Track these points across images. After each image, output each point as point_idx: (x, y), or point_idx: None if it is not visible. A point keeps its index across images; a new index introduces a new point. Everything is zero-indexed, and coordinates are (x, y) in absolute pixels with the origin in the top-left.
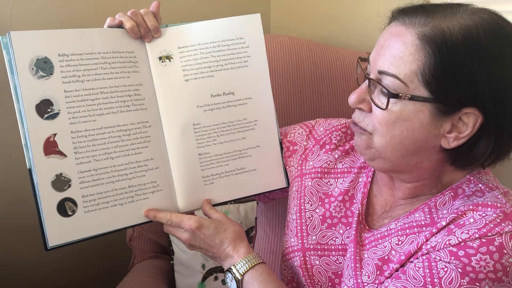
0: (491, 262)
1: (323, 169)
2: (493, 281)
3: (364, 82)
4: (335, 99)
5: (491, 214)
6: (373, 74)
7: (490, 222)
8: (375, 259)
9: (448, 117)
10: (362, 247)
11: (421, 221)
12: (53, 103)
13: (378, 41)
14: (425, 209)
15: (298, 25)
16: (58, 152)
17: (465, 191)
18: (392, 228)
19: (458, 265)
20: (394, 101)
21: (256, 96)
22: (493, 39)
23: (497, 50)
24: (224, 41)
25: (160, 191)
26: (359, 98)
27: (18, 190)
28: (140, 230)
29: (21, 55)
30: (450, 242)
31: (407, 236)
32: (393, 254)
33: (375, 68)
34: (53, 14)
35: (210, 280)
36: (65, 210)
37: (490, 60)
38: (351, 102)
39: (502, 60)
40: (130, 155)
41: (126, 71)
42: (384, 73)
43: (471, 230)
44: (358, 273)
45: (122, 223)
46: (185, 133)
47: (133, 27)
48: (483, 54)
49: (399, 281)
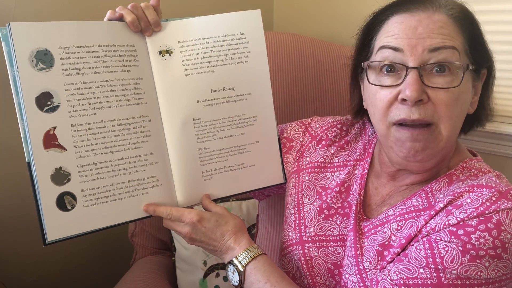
0: (490, 239)
1: (319, 164)
2: (493, 257)
3: (409, 75)
4: (338, 96)
5: (486, 193)
6: (419, 60)
7: (487, 201)
8: (375, 245)
9: (475, 82)
10: (362, 235)
11: (418, 205)
12: (53, 95)
13: (403, 29)
14: (422, 194)
15: (301, 22)
16: (57, 145)
17: (459, 177)
18: (390, 214)
19: (459, 244)
20: (459, 76)
21: (256, 92)
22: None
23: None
24: (224, 37)
25: (159, 186)
26: (419, 89)
27: (18, 184)
28: (142, 226)
29: (21, 47)
30: (449, 222)
31: (406, 221)
32: (393, 239)
33: (420, 51)
34: (56, 5)
35: (212, 277)
36: (65, 204)
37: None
38: (414, 96)
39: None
40: (130, 149)
41: (126, 65)
42: (441, 48)
43: (469, 209)
44: (359, 260)
45: (122, 217)
46: (185, 128)
47: (133, 21)
48: (478, 24)
49: (401, 264)
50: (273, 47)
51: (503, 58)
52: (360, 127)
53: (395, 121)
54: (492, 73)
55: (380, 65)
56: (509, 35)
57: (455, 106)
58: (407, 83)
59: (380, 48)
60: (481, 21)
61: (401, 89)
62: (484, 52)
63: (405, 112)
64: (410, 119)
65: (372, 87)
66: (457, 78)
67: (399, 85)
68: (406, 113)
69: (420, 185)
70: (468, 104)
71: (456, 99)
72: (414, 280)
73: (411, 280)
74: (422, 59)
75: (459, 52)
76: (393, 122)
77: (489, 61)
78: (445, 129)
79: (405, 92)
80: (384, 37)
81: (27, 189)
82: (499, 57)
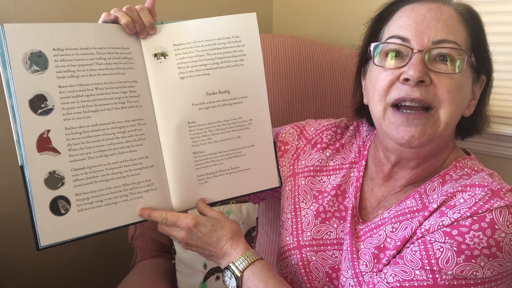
0: (484, 238)
1: (315, 168)
2: (488, 257)
3: (413, 57)
4: (337, 98)
5: (479, 193)
6: (423, 47)
7: (480, 200)
8: (371, 248)
9: (474, 85)
10: (358, 239)
11: (412, 207)
12: (47, 98)
13: (413, 18)
14: (416, 195)
15: (301, 24)
16: (51, 149)
17: (453, 176)
18: (385, 217)
19: (453, 244)
20: (460, 65)
21: (252, 95)
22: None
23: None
24: (220, 40)
25: (154, 189)
26: (422, 70)
27: (16, 188)
28: (142, 229)
29: (15, 48)
30: (443, 223)
31: (401, 222)
32: (388, 241)
33: (426, 41)
34: (56, 5)
35: (212, 280)
36: (58, 208)
37: (484, 30)
38: (416, 75)
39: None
40: (124, 153)
41: (121, 67)
42: (443, 41)
43: (462, 209)
44: (356, 263)
45: (116, 222)
46: (180, 131)
47: (128, 23)
48: (483, 26)
49: (397, 266)
50: (272, 49)
51: (501, 59)
52: (355, 129)
53: (394, 101)
54: (490, 82)
55: (386, 48)
56: (509, 36)
57: (456, 93)
58: (410, 64)
59: (389, 38)
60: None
61: (404, 70)
62: (485, 53)
63: (405, 91)
64: (410, 97)
65: (375, 69)
66: (458, 68)
67: (403, 67)
68: (406, 92)
69: (414, 185)
70: (467, 102)
71: (457, 87)
72: (410, 282)
73: (407, 282)
74: (427, 46)
75: (461, 47)
76: (391, 102)
77: (488, 63)
78: (444, 115)
79: (408, 72)
80: (394, 27)
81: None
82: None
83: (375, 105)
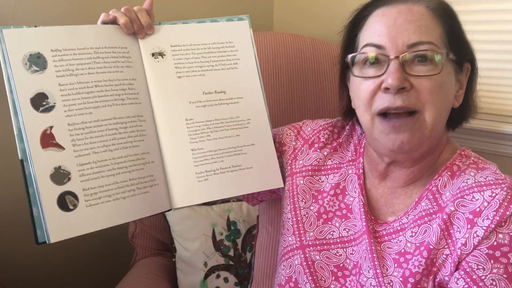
0: None
1: (313, 167)
2: None
3: (391, 64)
4: (338, 96)
5: (500, 192)
6: (398, 52)
7: (504, 201)
8: (392, 253)
9: (458, 76)
10: (376, 239)
11: (428, 209)
12: (48, 96)
13: (384, 23)
14: (429, 196)
15: (301, 22)
16: (55, 144)
17: (460, 166)
18: (404, 222)
19: (500, 269)
20: (439, 64)
21: (247, 97)
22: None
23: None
24: (214, 44)
25: (157, 185)
26: (401, 77)
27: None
28: (143, 227)
29: (14, 51)
30: (477, 234)
31: (419, 226)
32: (409, 246)
33: (401, 45)
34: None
35: (212, 278)
36: (66, 204)
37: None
38: (396, 84)
39: None
40: (128, 147)
41: (119, 66)
42: (418, 44)
43: (490, 214)
44: (377, 263)
45: (125, 217)
46: (178, 128)
47: (126, 23)
48: (457, 17)
49: None
50: (273, 47)
51: (502, 58)
52: (351, 128)
53: (379, 110)
54: (475, 69)
55: (363, 57)
56: (505, 34)
57: (438, 93)
58: (389, 72)
59: (364, 46)
60: (474, 20)
61: (384, 78)
62: (464, 44)
63: (388, 100)
64: (394, 107)
65: (356, 79)
66: (437, 68)
67: (382, 75)
68: (389, 101)
69: (419, 183)
70: (453, 96)
71: (438, 86)
72: None
73: None
74: (402, 51)
75: (437, 46)
76: (377, 111)
77: (469, 53)
78: (430, 116)
79: (387, 80)
80: (367, 34)
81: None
82: (498, 56)
83: (362, 114)
